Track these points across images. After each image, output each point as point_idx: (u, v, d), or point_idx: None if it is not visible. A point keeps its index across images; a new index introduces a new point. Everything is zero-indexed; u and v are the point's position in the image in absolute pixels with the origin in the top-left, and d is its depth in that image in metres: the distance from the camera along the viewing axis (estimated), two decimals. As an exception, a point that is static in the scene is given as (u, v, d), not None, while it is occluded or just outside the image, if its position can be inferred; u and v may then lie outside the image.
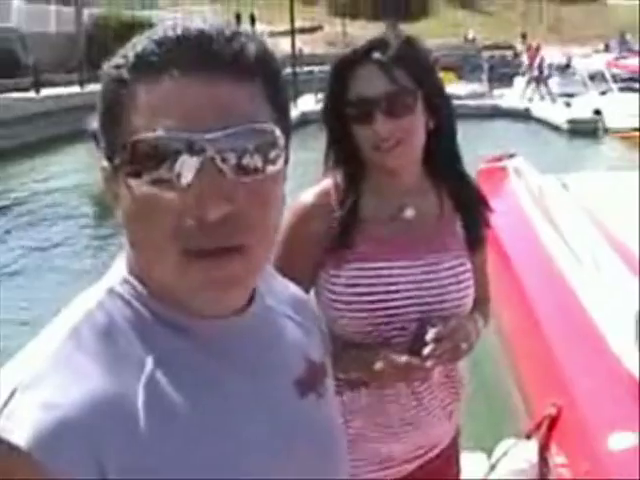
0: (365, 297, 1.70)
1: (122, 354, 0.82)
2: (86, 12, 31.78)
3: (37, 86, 21.75)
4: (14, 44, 26.96)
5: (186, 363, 0.85)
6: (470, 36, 44.74)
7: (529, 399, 3.45)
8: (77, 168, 14.96)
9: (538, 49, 28.38)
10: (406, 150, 1.70)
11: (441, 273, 1.75)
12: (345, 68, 1.69)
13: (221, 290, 0.83)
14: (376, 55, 1.67)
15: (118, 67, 0.83)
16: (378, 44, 1.68)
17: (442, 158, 1.79)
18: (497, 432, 3.59)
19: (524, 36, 46.49)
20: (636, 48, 34.46)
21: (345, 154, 1.76)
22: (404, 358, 1.63)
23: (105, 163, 0.85)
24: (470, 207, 1.83)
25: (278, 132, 0.84)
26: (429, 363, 1.61)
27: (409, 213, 1.77)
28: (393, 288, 1.71)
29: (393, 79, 1.66)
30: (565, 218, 4.78)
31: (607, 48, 40.21)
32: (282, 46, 30.28)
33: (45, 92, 21.21)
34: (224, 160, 0.79)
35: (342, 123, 1.72)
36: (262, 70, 0.84)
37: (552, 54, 31.84)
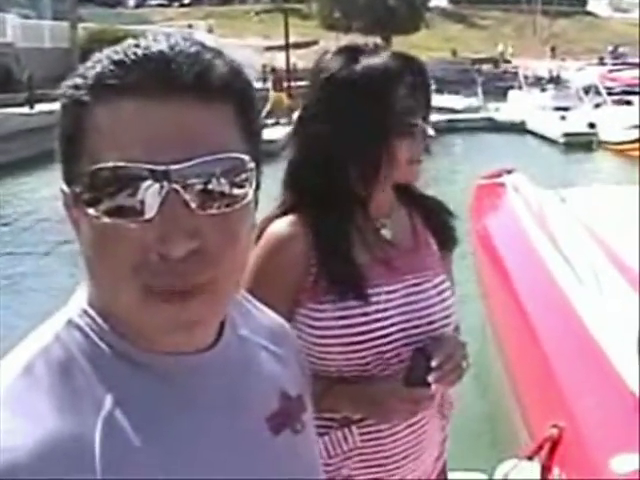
0: (357, 328, 1.61)
1: (79, 391, 0.76)
2: (81, 27, 31.91)
3: (31, 101, 21.74)
4: (8, 59, 27.01)
5: (147, 401, 0.79)
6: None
7: (530, 420, 3.40)
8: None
9: None
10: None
11: (426, 293, 1.69)
12: (385, 84, 1.62)
13: (187, 332, 0.77)
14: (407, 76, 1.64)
15: (77, 87, 0.77)
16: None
17: None
18: (498, 453, 3.54)
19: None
20: (631, 60, 34.62)
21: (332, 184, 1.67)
22: (408, 390, 1.56)
23: (64, 187, 0.79)
24: (435, 212, 1.83)
25: (248, 160, 0.77)
26: (434, 389, 1.55)
27: (385, 233, 1.71)
28: (381, 315, 1.62)
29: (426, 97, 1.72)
30: (564, 234, 4.74)
31: (601, 61, 40.39)
32: (279, 61, 30.34)
33: (39, 107, 21.18)
34: (189, 191, 0.73)
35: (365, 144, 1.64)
36: (230, 91, 0.78)
37: (546, 68, 32.02)
